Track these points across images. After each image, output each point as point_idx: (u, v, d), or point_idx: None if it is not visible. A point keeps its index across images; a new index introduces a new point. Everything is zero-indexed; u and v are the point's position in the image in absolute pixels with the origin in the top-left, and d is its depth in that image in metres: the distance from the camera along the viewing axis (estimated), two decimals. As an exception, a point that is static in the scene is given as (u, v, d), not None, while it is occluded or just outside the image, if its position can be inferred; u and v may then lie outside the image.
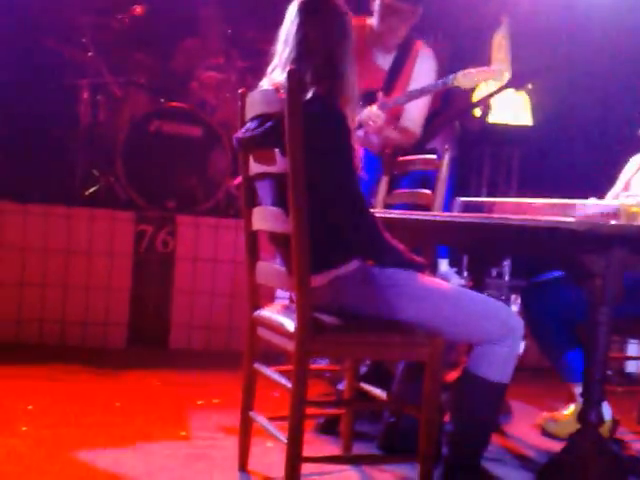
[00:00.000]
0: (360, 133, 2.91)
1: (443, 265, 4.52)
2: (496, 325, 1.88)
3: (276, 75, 1.88)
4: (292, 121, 1.72)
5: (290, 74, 1.72)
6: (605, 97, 4.21)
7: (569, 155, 4.32)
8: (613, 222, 1.69)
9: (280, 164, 1.82)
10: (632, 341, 3.42)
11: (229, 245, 3.71)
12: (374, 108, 2.91)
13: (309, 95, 1.78)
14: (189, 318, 3.71)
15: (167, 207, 3.86)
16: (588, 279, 1.72)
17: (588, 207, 1.87)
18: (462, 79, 2.74)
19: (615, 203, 1.88)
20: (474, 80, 2.73)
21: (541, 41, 4.23)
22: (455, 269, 4.42)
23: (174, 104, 4.00)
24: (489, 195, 4.67)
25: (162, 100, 4.10)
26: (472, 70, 2.73)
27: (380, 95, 2.94)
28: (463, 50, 3.18)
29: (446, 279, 4.37)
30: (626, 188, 2.56)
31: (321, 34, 1.84)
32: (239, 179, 2.09)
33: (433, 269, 4.19)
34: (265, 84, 1.92)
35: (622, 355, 3.39)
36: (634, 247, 1.70)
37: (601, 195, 2.55)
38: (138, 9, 4.06)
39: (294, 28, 1.86)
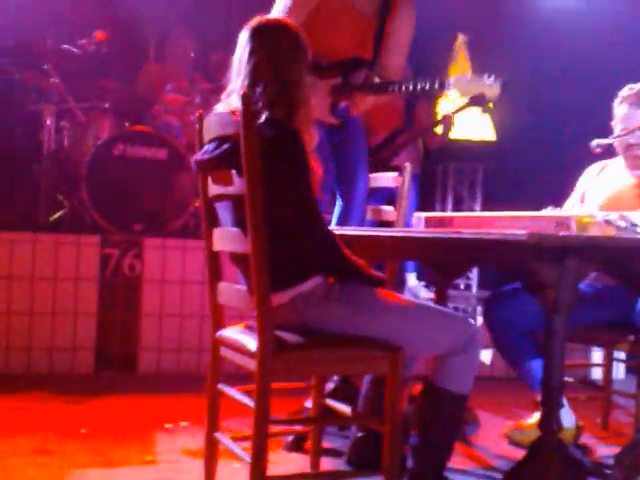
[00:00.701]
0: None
1: (411, 279, 4.57)
2: (455, 337, 1.91)
3: (232, 100, 1.91)
4: (247, 143, 1.75)
5: (243, 97, 1.75)
6: (563, 111, 4.31)
7: (531, 168, 4.41)
8: (564, 233, 1.73)
9: (237, 185, 1.84)
10: (595, 348, 3.48)
11: (197, 266, 3.71)
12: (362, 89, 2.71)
13: (263, 119, 1.80)
14: (157, 341, 3.69)
15: (133, 230, 3.86)
16: (542, 289, 1.76)
17: (542, 219, 1.92)
18: (457, 83, 2.68)
19: (568, 214, 1.93)
20: (468, 90, 2.68)
21: (501, 56, 4.32)
22: (423, 282, 4.47)
23: (138, 128, 4.02)
24: (455, 210, 4.75)
25: (126, 124, 4.11)
26: (466, 77, 2.68)
27: (363, 76, 2.73)
28: (421, 67, 3.21)
29: (414, 293, 4.44)
30: (582, 198, 2.62)
31: (271, 59, 1.88)
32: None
33: (399, 283, 4.24)
34: (221, 109, 1.95)
35: (585, 362, 3.45)
36: (585, 257, 1.74)
37: (559, 205, 2.61)
38: (99, 34, 4.07)
39: (245, 55, 1.90)
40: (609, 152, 2.55)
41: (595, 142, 2.40)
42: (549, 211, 2.31)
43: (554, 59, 4.35)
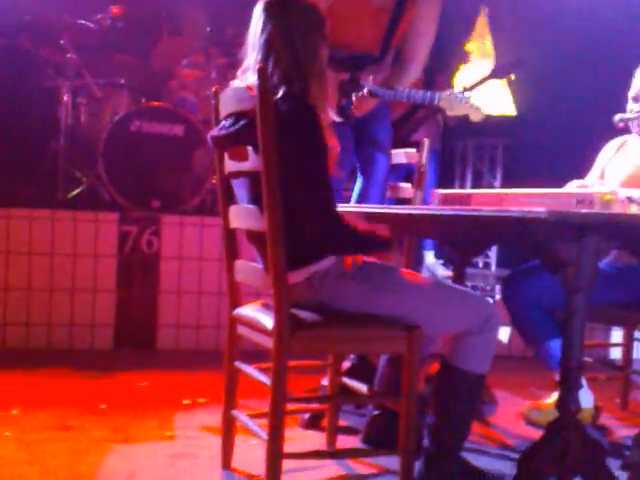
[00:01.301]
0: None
1: (429, 257, 4.54)
2: (472, 316, 1.89)
3: (248, 76, 1.88)
4: (264, 119, 1.73)
5: (260, 72, 1.73)
6: (584, 86, 4.22)
7: (552, 144, 4.33)
8: (584, 210, 1.70)
9: (254, 162, 1.82)
10: (616, 328, 3.44)
11: (215, 243, 3.70)
12: (364, 93, 2.72)
13: (280, 94, 1.78)
14: (176, 318, 3.71)
15: (151, 207, 3.85)
16: (562, 268, 1.73)
17: (563, 196, 1.88)
18: (446, 100, 2.69)
19: (589, 191, 1.89)
20: (454, 109, 2.69)
21: (522, 31, 4.24)
22: (441, 261, 4.44)
23: (154, 103, 3.99)
24: (474, 186, 4.69)
25: (143, 100, 4.09)
26: (457, 95, 2.68)
27: (370, 78, 2.76)
28: (441, 39, 3.14)
29: (432, 271, 4.42)
30: (602, 174, 2.57)
31: (285, 34, 1.85)
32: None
33: (417, 261, 4.21)
34: (237, 85, 1.92)
35: (605, 342, 3.41)
36: (606, 235, 1.70)
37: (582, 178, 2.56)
38: (115, 9, 4.04)
39: (259, 30, 1.88)
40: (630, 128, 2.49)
41: (618, 116, 2.34)
42: (571, 187, 2.27)
43: (576, 35, 4.25)
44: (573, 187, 2.25)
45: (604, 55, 4.08)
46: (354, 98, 2.74)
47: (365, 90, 2.72)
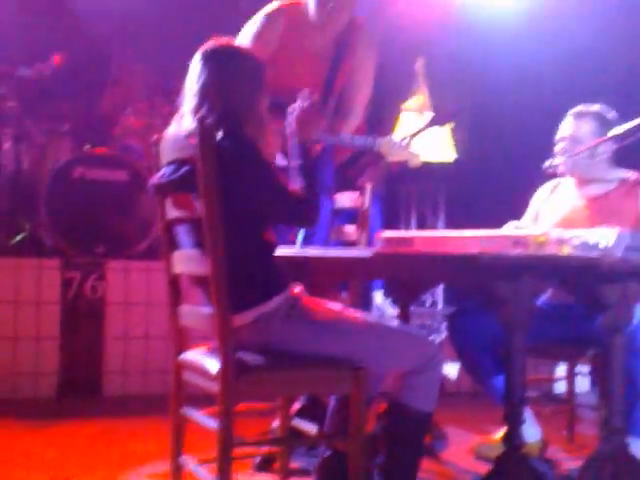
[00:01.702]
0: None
1: (378, 296, 4.59)
2: (416, 355, 1.93)
3: (185, 122, 1.92)
4: (205, 165, 1.76)
5: (200, 121, 1.77)
6: (521, 131, 4.40)
7: (491, 187, 4.48)
8: (518, 252, 1.77)
9: (196, 208, 1.85)
10: (561, 362, 3.52)
11: (162, 288, 3.62)
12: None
13: (219, 136, 1.82)
14: (122, 364, 3.65)
15: (96, 252, 3.82)
16: (499, 306, 1.79)
17: (499, 238, 1.95)
18: (385, 146, 2.78)
19: (523, 233, 1.97)
20: (393, 154, 2.78)
21: (461, 80, 4.41)
22: (390, 300, 4.49)
23: (98, 150, 4.00)
24: (419, 229, 4.79)
25: (87, 146, 4.09)
26: (396, 142, 2.77)
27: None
28: (383, 88, 3.25)
29: (381, 310, 4.46)
30: (536, 217, 2.67)
31: (220, 83, 1.90)
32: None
33: (366, 301, 4.25)
34: (173, 131, 1.96)
35: (549, 377, 3.49)
36: (540, 275, 1.78)
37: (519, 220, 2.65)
38: (57, 58, 4.05)
39: (195, 78, 1.92)
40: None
41: (548, 162, 2.46)
42: (508, 229, 2.36)
43: (512, 81, 4.44)
44: (510, 229, 2.33)
45: (539, 103, 4.27)
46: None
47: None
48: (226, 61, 1.92)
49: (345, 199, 3.02)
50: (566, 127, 2.55)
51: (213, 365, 1.83)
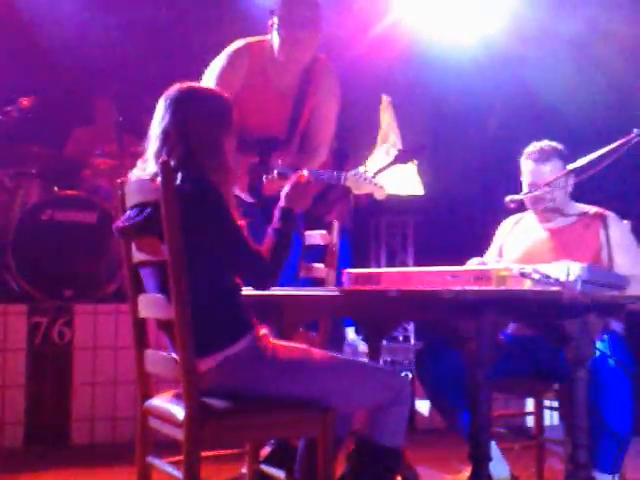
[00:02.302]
0: None
1: (350, 333, 4.59)
2: (383, 390, 1.93)
3: (148, 165, 1.93)
4: (168, 209, 1.76)
5: (163, 165, 1.78)
6: (485, 166, 4.48)
7: (458, 220, 4.53)
8: (479, 288, 1.79)
9: (161, 251, 1.84)
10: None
11: (130, 331, 3.62)
12: (273, 175, 2.77)
13: (179, 179, 1.83)
14: (91, 411, 3.57)
15: (64, 296, 3.77)
16: (463, 343, 1.80)
17: (462, 273, 1.97)
18: (352, 179, 2.82)
19: (486, 268, 1.99)
20: (359, 188, 2.82)
21: (424, 117, 4.49)
22: (361, 336, 4.49)
23: (67, 192, 3.98)
24: (389, 264, 4.82)
25: (55, 189, 4.07)
26: (361, 175, 2.81)
27: (279, 161, 2.83)
28: (345, 123, 3.30)
29: (353, 346, 4.45)
30: (500, 251, 2.70)
31: (180, 125, 1.91)
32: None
33: (339, 337, 4.25)
34: (137, 174, 1.96)
35: (519, 412, 3.49)
36: (502, 310, 1.79)
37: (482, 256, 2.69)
38: (25, 101, 4.05)
39: (158, 121, 1.94)
40: (524, 206, 2.65)
41: (508, 198, 2.50)
42: (471, 264, 2.38)
43: (475, 116, 4.54)
44: (473, 264, 2.36)
45: (503, 137, 4.36)
46: (264, 180, 2.81)
47: (275, 172, 2.80)
48: (187, 104, 1.94)
49: (314, 236, 3.04)
50: (530, 171, 2.59)
51: (178, 411, 1.81)
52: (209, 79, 2.84)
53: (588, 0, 3.93)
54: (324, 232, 3.05)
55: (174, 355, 1.87)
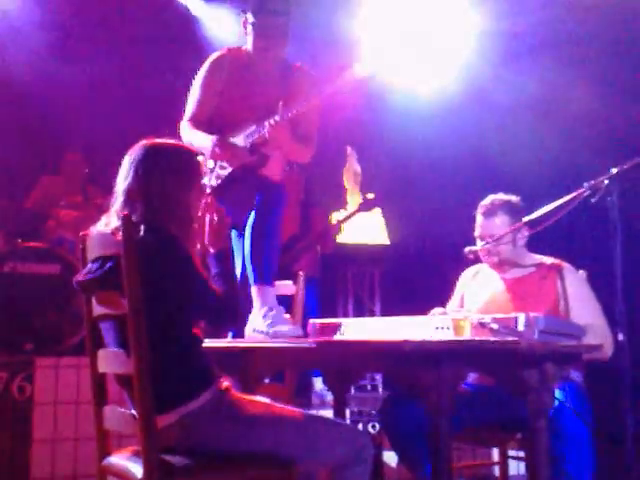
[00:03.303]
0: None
1: (317, 383, 4.56)
2: (346, 447, 1.91)
3: (111, 220, 1.94)
4: (128, 262, 1.76)
5: (124, 219, 1.79)
6: (449, 214, 4.55)
7: (424, 269, 4.58)
8: (437, 339, 1.80)
9: (120, 305, 1.83)
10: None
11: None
12: (276, 118, 2.69)
13: (142, 231, 1.84)
14: (51, 469, 3.46)
15: (24, 350, 3.69)
16: (424, 393, 1.80)
17: (423, 323, 1.99)
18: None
19: (445, 317, 2.01)
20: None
21: (388, 166, 4.57)
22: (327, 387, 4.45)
23: (29, 244, 3.94)
24: (356, 313, 4.84)
25: (19, 240, 4.03)
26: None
27: (280, 105, 2.71)
28: (311, 175, 3.35)
29: (321, 396, 4.42)
30: (461, 301, 2.74)
31: (142, 182, 1.94)
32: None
33: (306, 387, 4.21)
34: (100, 228, 1.97)
35: (486, 461, 3.47)
36: (461, 360, 1.81)
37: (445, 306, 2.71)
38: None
39: (122, 178, 1.98)
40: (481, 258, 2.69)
41: (467, 249, 2.54)
42: (433, 313, 2.40)
43: (436, 166, 4.63)
44: (436, 313, 2.38)
45: (462, 188, 4.45)
46: (268, 125, 2.70)
47: (278, 114, 2.69)
48: (149, 163, 1.96)
49: (280, 286, 3.04)
50: (479, 225, 2.64)
51: (137, 469, 1.77)
52: (194, 92, 2.91)
53: (543, 63, 4.08)
54: (289, 282, 3.07)
55: (133, 411, 1.84)
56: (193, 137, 2.81)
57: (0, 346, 3.68)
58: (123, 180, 1.96)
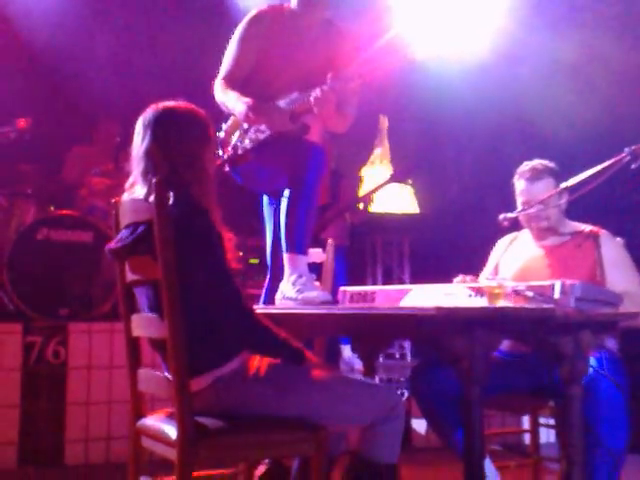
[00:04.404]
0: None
1: (346, 350, 4.58)
2: (377, 406, 1.92)
3: (136, 189, 1.94)
4: (161, 227, 1.76)
5: (157, 184, 1.78)
6: (479, 184, 4.49)
7: (453, 238, 4.54)
8: (471, 305, 1.79)
9: (153, 270, 1.84)
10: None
11: (125, 350, 3.60)
12: (324, 88, 2.55)
13: (170, 201, 1.83)
14: (85, 431, 3.55)
15: (59, 315, 3.76)
16: (457, 361, 1.79)
17: (457, 290, 1.97)
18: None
19: (479, 285, 1.99)
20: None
21: (419, 136, 4.52)
22: (357, 354, 4.48)
23: (62, 212, 3.99)
24: (385, 281, 4.83)
25: (51, 208, 4.08)
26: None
27: (329, 76, 2.58)
28: (346, 143, 3.32)
29: (349, 363, 4.44)
30: (496, 270, 2.70)
31: (160, 144, 1.93)
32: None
33: (335, 354, 4.24)
34: (126, 198, 1.97)
35: (516, 429, 3.48)
36: (495, 327, 1.79)
37: (477, 275, 2.68)
38: (22, 122, 4.07)
39: (138, 143, 1.96)
40: (519, 224, 2.66)
41: (502, 216, 2.50)
42: (456, 282, 2.35)
43: (469, 135, 4.56)
44: (457, 281, 2.33)
45: (499, 155, 4.38)
46: (319, 93, 2.55)
47: (325, 87, 2.55)
48: (166, 124, 1.95)
49: (310, 254, 3.03)
50: (524, 190, 2.59)
51: (171, 431, 1.79)
52: (231, 47, 2.75)
53: (582, 23, 3.96)
54: (319, 250, 3.06)
55: (167, 374, 1.87)
56: (225, 98, 2.66)
57: (35, 311, 3.74)
58: (140, 143, 1.95)
